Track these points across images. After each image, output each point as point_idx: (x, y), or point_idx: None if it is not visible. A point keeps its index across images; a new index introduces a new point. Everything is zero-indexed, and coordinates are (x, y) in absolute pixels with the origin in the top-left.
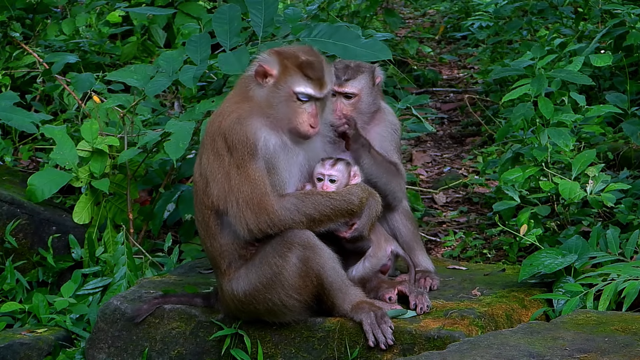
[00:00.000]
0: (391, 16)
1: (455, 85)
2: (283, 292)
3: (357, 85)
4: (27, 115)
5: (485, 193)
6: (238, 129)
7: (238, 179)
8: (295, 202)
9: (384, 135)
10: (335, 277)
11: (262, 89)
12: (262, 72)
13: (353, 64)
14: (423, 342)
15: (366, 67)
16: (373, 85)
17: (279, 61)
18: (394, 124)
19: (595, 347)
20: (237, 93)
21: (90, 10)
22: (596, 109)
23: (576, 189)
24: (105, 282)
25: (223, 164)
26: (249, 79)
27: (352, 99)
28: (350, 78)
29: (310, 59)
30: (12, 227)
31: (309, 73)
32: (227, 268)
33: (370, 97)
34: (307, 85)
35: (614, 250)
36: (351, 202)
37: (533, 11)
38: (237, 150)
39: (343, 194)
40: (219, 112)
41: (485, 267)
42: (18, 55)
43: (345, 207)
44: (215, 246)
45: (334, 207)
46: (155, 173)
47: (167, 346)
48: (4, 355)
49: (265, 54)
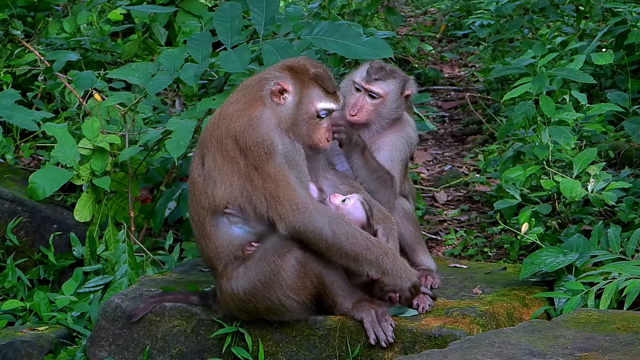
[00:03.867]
0: (392, 14)
1: (457, 83)
2: (281, 291)
3: (384, 88)
4: (29, 113)
5: (486, 191)
6: (251, 131)
7: (260, 179)
8: (332, 219)
9: (396, 144)
10: (336, 277)
11: (281, 107)
12: (280, 90)
13: (389, 68)
14: (424, 340)
15: (400, 76)
16: (401, 94)
17: (293, 77)
18: (411, 137)
19: (596, 345)
20: (244, 100)
21: (91, 8)
22: (597, 108)
23: (577, 187)
24: (107, 280)
25: (237, 166)
26: (262, 92)
27: (376, 99)
28: (380, 79)
29: (320, 71)
30: (13, 224)
31: (327, 87)
32: (224, 269)
33: (395, 104)
34: (328, 100)
35: (615, 248)
36: (384, 259)
37: (534, 9)
38: (252, 152)
39: (382, 246)
40: (224, 114)
41: (486, 266)
42: (19, 53)
43: (375, 260)
44: (210, 247)
45: (365, 251)
46: (156, 171)
47: (168, 344)
48: (5, 353)
49: (278, 72)
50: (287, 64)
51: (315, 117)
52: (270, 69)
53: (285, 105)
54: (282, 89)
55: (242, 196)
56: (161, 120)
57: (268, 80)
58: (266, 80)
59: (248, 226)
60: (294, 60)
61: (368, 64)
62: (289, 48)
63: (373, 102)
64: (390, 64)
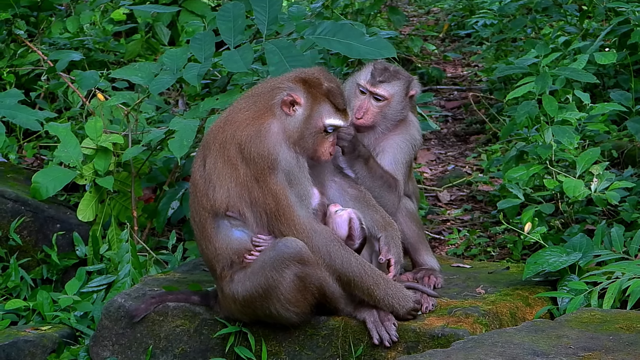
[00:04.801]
0: (395, 14)
1: (460, 83)
2: (279, 304)
3: (389, 90)
4: (32, 112)
5: (489, 191)
6: (257, 142)
7: (260, 192)
8: (328, 242)
9: (400, 146)
10: (337, 287)
11: (290, 118)
12: (291, 101)
13: (393, 69)
14: (427, 340)
15: (404, 76)
16: (406, 95)
17: (305, 91)
18: (415, 138)
19: (599, 345)
20: (254, 108)
21: (94, 8)
22: (600, 107)
23: (580, 187)
24: (110, 279)
25: (236, 173)
26: (272, 101)
27: (381, 102)
28: (385, 81)
29: (333, 86)
30: (16, 224)
31: (338, 103)
32: (222, 271)
33: (400, 105)
34: (337, 117)
35: (618, 248)
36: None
37: (537, 9)
38: (255, 163)
39: (375, 275)
40: (231, 120)
41: (489, 265)
42: (22, 52)
43: (367, 289)
44: (210, 249)
45: (358, 279)
46: (159, 171)
47: (171, 344)
48: (9, 352)
49: (291, 83)
50: (301, 76)
51: (322, 132)
52: (283, 78)
53: (294, 117)
54: (294, 101)
55: (242, 203)
56: (164, 120)
57: (280, 90)
58: (278, 89)
59: (249, 230)
60: (309, 73)
61: (372, 66)
62: (292, 48)
63: (378, 105)
64: (394, 64)
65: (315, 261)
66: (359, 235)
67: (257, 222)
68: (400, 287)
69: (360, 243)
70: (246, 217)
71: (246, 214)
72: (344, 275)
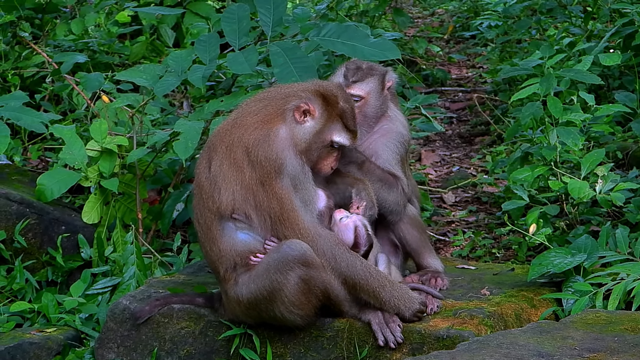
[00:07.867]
0: (400, 15)
1: (464, 84)
2: (283, 307)
3: (364, 88)
4: (37, 115)
5: (494, 192)
6: (265, 146)
7: (264, 196)
8: (333, 245)
9: (388, 146)
10: (341, 290)
11: (300, 126)
12: (305, 110)
13: (365, 66)
14: (432, 341)
15: (377, 71)
16: (382, 90)
17: (321, 105)
18: (402, 134)
19: (604, 346)
20: (265, 112)
21: (99, 10)
22: (605, 108)
23: (585, 188)
24: (115, 281)
25: (242, 176)
26: (286, 106)
27: (359, 101)
28: (359, 80)
29: (347, 107)
30: (21, 226)
31: (349, 124)
32: (225, 274)
33: (378, 101)
34: (346, 136)
35: (623, 249)
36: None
37: (542, 10)
38: (261, 167)
39: (380, 278)
40: (239, 123)
41: (494, 267)
42: (27, 55)
43: (372, 291)
44: (214, 251)
45: (363, 282)
46: (164, 173)
47: (176, 346)
48: (14, 354)
49: (308, 93)
50: (320, 90)
51: (329, 146)
52: (301, 87)
53: (304, 126)
54: (308, 110)
55: (247, 206)
56: (169, 122)
57: (296, 97)
58: (294, 96)
59: (254, 232)
60: (327, 88)
61: (344, 66)
62: (296, 49)
63: (356, 105)
64: (376, 62)
65: (320, 264)
66: (364, 242)
67: (262, 226)
68: (405, 288)
69: (366, 250)
70: (252, 220)
71: (252, 216)
72: (350, 279)
